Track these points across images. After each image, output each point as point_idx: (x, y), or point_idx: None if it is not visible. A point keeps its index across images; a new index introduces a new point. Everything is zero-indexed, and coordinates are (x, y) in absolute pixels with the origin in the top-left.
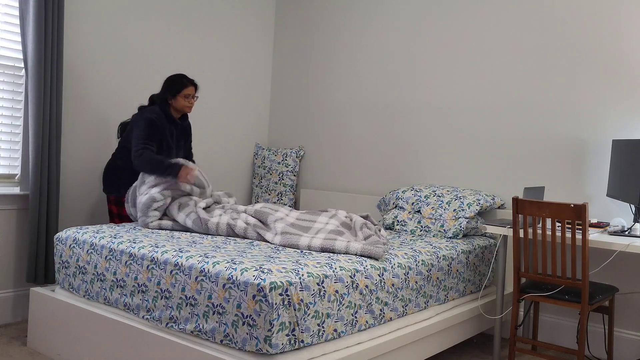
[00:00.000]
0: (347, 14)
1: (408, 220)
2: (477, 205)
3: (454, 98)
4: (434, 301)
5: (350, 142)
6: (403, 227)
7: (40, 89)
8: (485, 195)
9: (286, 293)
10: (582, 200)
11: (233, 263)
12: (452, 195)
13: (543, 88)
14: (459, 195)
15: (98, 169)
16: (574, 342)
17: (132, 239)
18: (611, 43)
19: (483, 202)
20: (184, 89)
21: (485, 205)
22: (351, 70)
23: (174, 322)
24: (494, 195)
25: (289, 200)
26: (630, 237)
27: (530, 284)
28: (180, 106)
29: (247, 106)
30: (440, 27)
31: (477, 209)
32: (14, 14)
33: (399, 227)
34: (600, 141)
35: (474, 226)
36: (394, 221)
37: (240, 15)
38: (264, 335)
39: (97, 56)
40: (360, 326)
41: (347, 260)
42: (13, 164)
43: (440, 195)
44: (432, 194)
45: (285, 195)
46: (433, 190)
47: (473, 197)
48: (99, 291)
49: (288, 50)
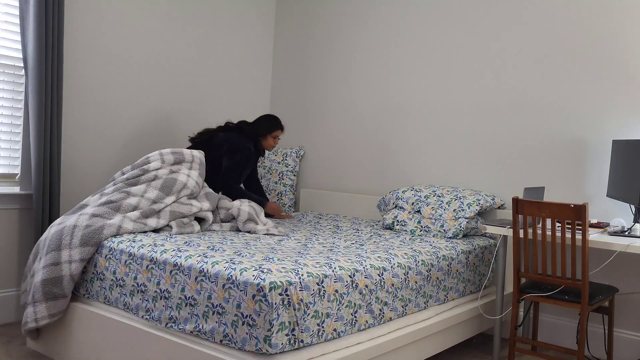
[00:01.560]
0: (347, 13)
1: (408, 220)
2: (477, 205)
3: (455, 98)
4: (433, 301)
5: (350, 142)
6: (403, 227)
7: (41, 89)
8: (485, 196)
9: (286, 293)
10: (582, 200)
11: (232, 263)
12: (452, 195)
13: (543, 88)
14: (459, 195)
15: (98, 168)
16: (573, 343)
17: (131, 238)
18: (611, 43)
19: (483, 202)
20: (275, 131)
21: (485, 206)
22: (351, 70)
23: (174, 322)
24: (493, 196)
25: (289, 200)
26: (630, 237)
27: (530, 284)
28: (267, 145)
29: (247, 106)
30: (440, 27)
31: (477, 209)
32: (14, 13)
33: (399, 227)
34: (600, 141)
35: (474, 226)
36: (394, 221)
37: (240, 15)
38: (264, 335)
39: (97, 56)
40: (360, 326)
41: (347, 260)
42: (13, 164)
43: (440, 195)
44: (432, 194)
45: (285, 195)
46: (433, 191)
47: (473, 197)
48: (99, 290)
49: (288, 50)
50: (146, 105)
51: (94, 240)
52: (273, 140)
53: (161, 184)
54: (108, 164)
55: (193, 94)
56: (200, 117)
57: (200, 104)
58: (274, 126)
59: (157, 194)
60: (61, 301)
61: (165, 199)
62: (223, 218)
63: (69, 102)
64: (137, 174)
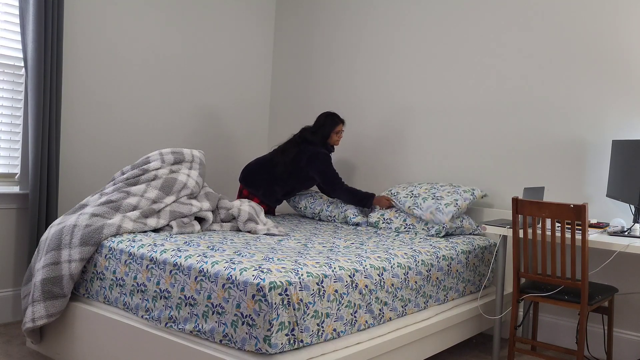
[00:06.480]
0: (347, 13)
1: (394, 219)
2: (455, 205)
3: (455, 97)
4: (433, 301)
5: (350, 142)
6: (388, 225)
7: (40, 89)
8: (463, 192)
9: (285, 293)
10: (582, 200)
11: (232, 263)
12: (429, 193)
13: (543, 88)
14: (437, 194)
15: (98, 168)
16: (573, 343)
17: (131, 238)
18: (611, 43)
19: (461, 201)
20: (336, 127)
21: (463, 205)
22: (352, 69)
23: (173, 322)
24: (472, 189)
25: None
26: (630, 237)
27: (529, 284)
28: (333, 141)
29: (247, 106)
30: (440, 27)
31: (454, 209)
32: (14, 13)
33: (384, 225)
34: (600, 141)
35: (459, 225)
36: (380, 219)
37: (240, 15)
38: (264, 335)
39: (96, 56)
40: (360, 326)
41: (347, 260)
42: (13, 163)
43: (417, 196)
44: (410, 195)
45: None
46: (410, 191)
47: (450, 197)
48: (99, 290)
49: (288, 50)
50: (146, 105)
51: (93, 240)
52: (336, 135)
53: (161, 184)
54: (107, 164)
55: (193, 93)
56: (201, 117)
57: (200, 103)
58: (333, 123)
59: (157, 193)
60: (60, 301)
61: (165, 198)
62: (223, 218)
63: (68, 101)
64: (137, 174)
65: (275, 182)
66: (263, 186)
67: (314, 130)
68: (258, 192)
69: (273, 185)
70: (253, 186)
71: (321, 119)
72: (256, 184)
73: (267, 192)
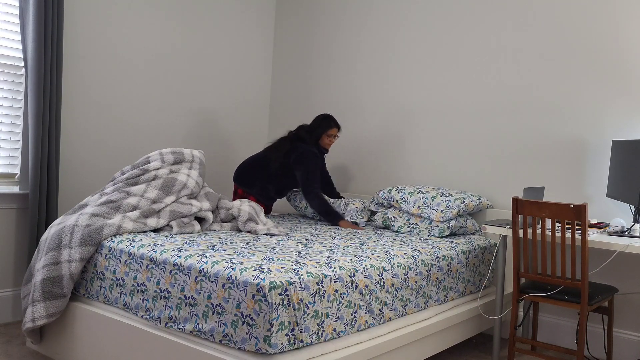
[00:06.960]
0: (346, 13)
1: (398, 218)
2: (463, 204)
3: (454, 98)
4: (433, 301)
5: (350, 142)
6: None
7: (40, 89)
8: (470, 195)
9: (285, 293)
10: (582, 200)
11: (232, 263)
12: (436, 191)
13: (543, 88)
14: (445, 193)
15: (98, 168)
16: (573, 343)
17: (131, 238)
18: (610, 43)
19: (468, 201)
20: (329, 130)
21: (471, 205)
22: (352, 69)
23: (173, 322)
24: (479, 196)
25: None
26: (630, 237)
27: (529, 284)
28: (324, 144)
29: (247, 106)
30: (439, 27)
31: (459, 210)
32: (14, 13)
33: (388, 224)
34: (600, 141)
35: (462, 225)
36: (384, 218)
37: (240, 15)
38: (264, 335)
39: (96, 56)
40: (360, 326)
41: (347, 260)
42: (13, 163)
43: (425, 192)
44: (417, 191)
45: None
46: (418, 188)
47: (458, 194)
48: (99, 290)
49: (288, 50)
50: (146, 105)
51: (93, 240)
52: (328, 138)
53: (161, 184)
54: (107, 164)
55: (193, 93)
56: (200, 117)
57: (200, 103)
58: (326, 125)
59: (157, 193)
60: (60, 301)
61: (165, 198)
62: (223, 218)
63: (68, 101)
64: (137, 174)
65: (268, 180)
66: (257, 184)
67: (309, 130)
68: (252, 191)
69: (266, 183)
70: (247, 185)
71: (318, 119)
72: (250, 182)
73: (261, 191)
